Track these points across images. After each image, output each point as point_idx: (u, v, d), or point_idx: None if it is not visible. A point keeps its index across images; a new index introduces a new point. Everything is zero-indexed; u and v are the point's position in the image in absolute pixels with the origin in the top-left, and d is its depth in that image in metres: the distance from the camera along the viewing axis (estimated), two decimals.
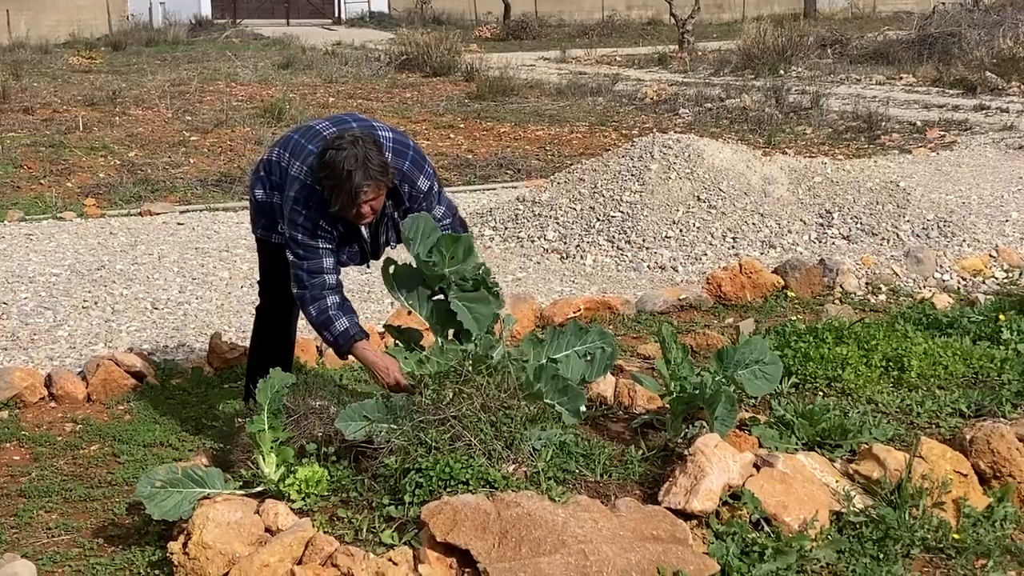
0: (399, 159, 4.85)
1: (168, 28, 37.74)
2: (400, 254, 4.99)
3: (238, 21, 44.21)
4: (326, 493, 4.24)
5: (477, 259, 4.70)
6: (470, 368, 4.47)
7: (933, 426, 4.90)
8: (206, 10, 46.23)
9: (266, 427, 4.33)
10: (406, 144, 4.96)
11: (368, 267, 5.42)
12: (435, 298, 4.73)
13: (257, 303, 5.61)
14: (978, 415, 4.98)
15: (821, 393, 5.19)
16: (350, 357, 4.98)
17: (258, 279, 5.55)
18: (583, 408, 4.57)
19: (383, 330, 6.65)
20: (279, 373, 4.49)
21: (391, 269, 4.72)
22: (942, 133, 15.44)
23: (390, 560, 3.75)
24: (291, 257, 4.88)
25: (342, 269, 5.03)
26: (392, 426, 4.31)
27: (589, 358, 4.68)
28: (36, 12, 40.29)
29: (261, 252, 5.39)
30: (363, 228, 4.97)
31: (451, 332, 4.74)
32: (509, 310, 6.55)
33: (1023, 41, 21.67)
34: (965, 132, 15.59)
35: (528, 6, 44.50)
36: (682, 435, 4.60)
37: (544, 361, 4.59)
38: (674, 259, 8.57)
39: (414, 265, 4.69)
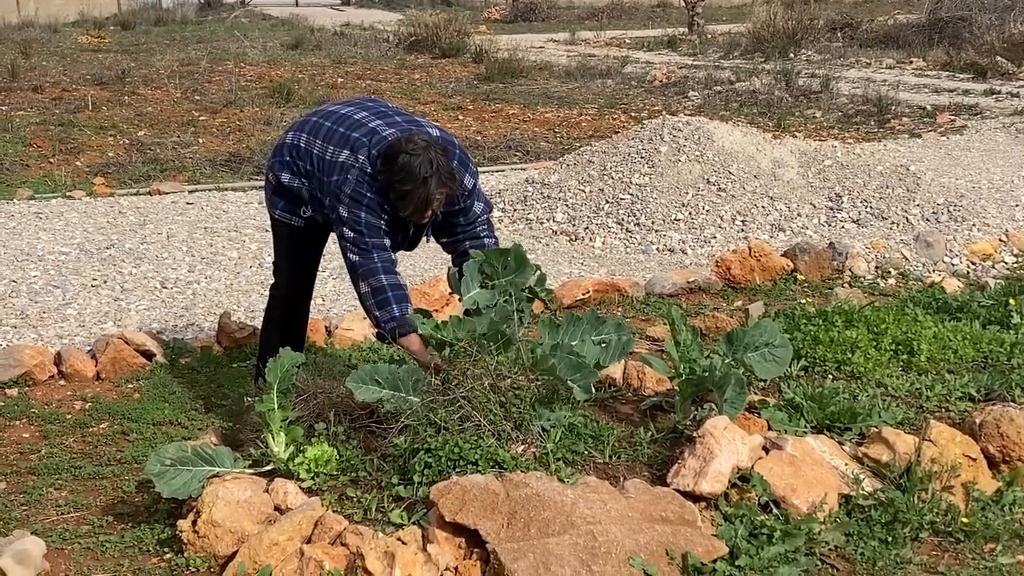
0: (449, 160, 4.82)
1: (177, 8, 37.71)
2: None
3: (247, 1, 44.16)
4: (335, 472, 4.25)
5: (530, 267, 4.78)
6: (483, 345, 4.46)
7: (943, 410, 4.89)
8: None
9: (276, 406, 4.34)
10: (453, 143, 4.90)
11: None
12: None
13: (270, 283, 5.57)
14: (987, 399, 4.97)
15: (830, 376, 5.18)
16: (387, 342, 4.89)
17: (272, 260, 5.51)
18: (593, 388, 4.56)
19: None
20: (289, 353, 4.49)
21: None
22: (952, 117, 15.39)
23: (399, 539, 3.75)
24: (352, 234, 4.73)
25: None
26: (400, 395, 4.30)
27: (604, 344, 4.67)
28: None
29: (277, 234, 5.33)
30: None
31: None
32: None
33: None
34: (975, 117, 15.54)
35: None
36: (691, 417, 4.59)
37: (560, 342, 4.59)
38: (683, 242, 8.56)
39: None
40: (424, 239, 5.11)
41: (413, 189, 4.55)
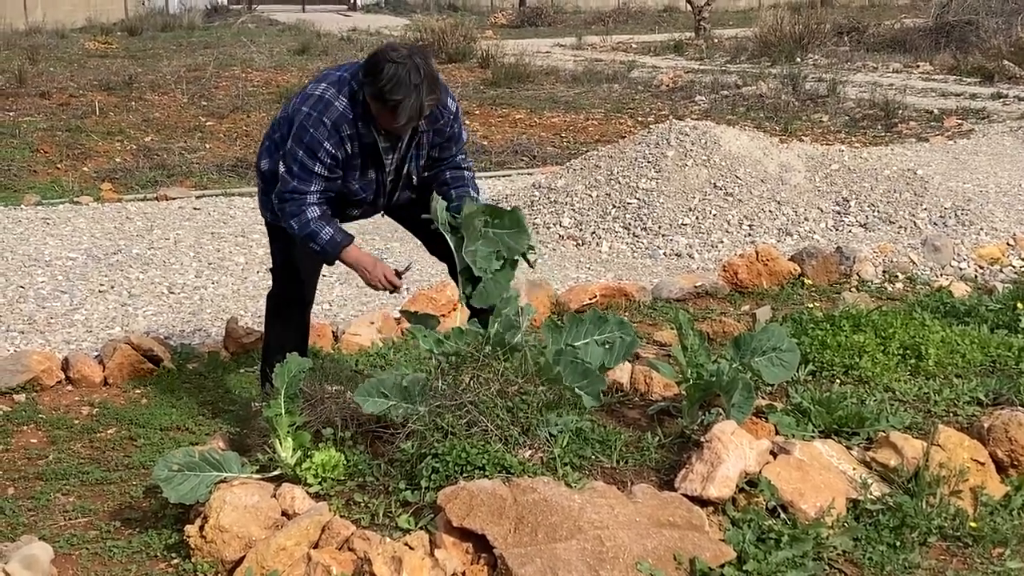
0: None
1: (184, 14, 37.79)
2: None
3: (253, 7, 44.21)
4: (343, 477, 4.25)
5: (527, 235, 4.75)
6: (488, 351, 4.47)
7: (950, 414, 4.88)
8: None
9: (283, 411, 4.34)
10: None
11: (383, 214, 5.25)
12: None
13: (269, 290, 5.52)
14: (995, 403, 4.96)
15: (838, 381, 5.17)
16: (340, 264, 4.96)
17: (270, 267, 5.50)
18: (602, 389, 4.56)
19: (399, 315, 6.66)
20: (296, 358, 4.49)
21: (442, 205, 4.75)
22: (959, 121, 15.39)
23: (406, 544, 3.75)
24: (282, 168, 4.74)
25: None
26: (408, 405, 4.30)
27: (608, 346, 4.66)
28: None
29: (271, 238, 5.32)
30: (387, 158, 4.85)
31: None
32: (526, 297, 6.56)
33: None
34: (983, 120, 15.54)
35: None
36: (698, 422, 4.59)
37: (563, 346, 4.58)
38: (690, 246, 8.56)
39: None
40: (413, 178, 5.00)
41: (404, 99, 4.47)
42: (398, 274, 4.89)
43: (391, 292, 4.93)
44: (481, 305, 4.72)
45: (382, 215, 5.28)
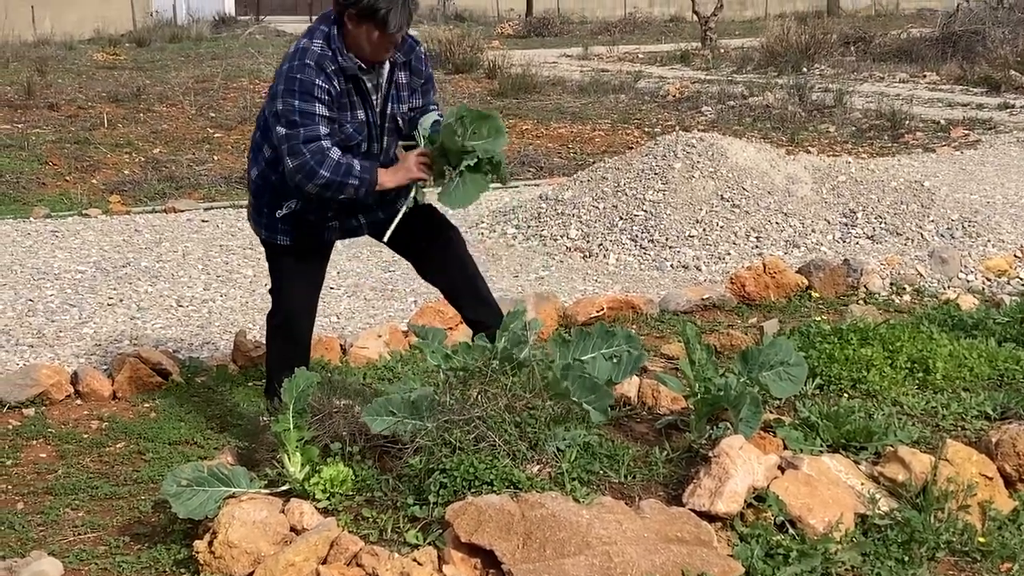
0: None
1: (192, 25, 37.88)
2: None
3: (261, 18, 44.31)
4: (351, 493, 4.25)
5: (504, 140, 4.83)
6: (496, 367, 4.48)
7: (958, 428, 4.88)
8: (229, 7, 46.31)
9: (291, 426, 4.34)
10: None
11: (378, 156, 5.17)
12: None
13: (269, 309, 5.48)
14: (1003, 417, 4.96)
15: (846, 395, 5.17)
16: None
17: (268, 287, 5.47)
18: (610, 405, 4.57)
19: (407, 328, 6.67)
20: (304, 372, 4.50)
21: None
22: (966, 132, 15.38)
23: (415, 560, 3.76)
24: (284, 130, 4.74)
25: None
26: (416, 422, 4.31)
27: (616, 360, 4.67)
28: (60, 8, 40.44)
29: (269, 257, 5.31)
30: (372, 97, 4.92)
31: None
32: (533, 310, 6.58)
33: None
34: (989, 131, 15.54)
35: (550, 3, 44.51)
36: (706, 436, 4.59)
37: (571, 361, 4.59)
38: (697, 258, 8.57)
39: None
40: (400, 122, 5.04)
41: (392, 8, 4.62)
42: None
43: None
44: (449, 206, 4.84)
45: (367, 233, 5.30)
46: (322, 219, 5.05)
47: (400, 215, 4.97)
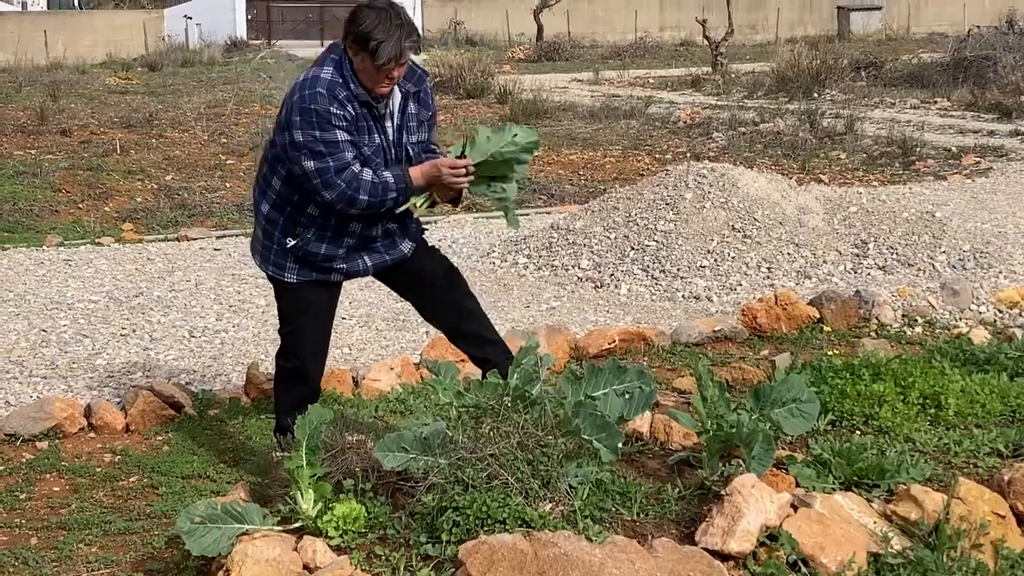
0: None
1: (203, 49, 38.08)
2: None
3: (273, 42, 44.52)
4: (363, 530, 4.25)
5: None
6: (508, 404, 4.49)
7: (970, 466, 4.87)
8: (241, 31, 46.62)
9: (304, 463, 4.35)
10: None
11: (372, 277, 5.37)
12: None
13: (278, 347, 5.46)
14: (1016, 455, 4.95)
15: (858, 431, 5.16)
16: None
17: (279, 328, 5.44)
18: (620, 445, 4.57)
19: (419, 360, 6.68)
20: (317, 409, 4.51)
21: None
22: (978, 159, 15.38)
23: None
24: (312, 163, 4.76)
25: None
26: (429, 459, 4.32)
27: (628, 396, 4.68)
28: (73, 32, 40.73)
29: (277, 295, 5.31)
30: (386, 122, 4.96)
31: None
32: (545, 344, 6.59)
33: None
34: (1001, 158, 15.54)
35: (561, 27, 44.68)
36: (719, 473, 4.58)
37: (582, 398, 4.60)
38: (709, 289, 8.58)
39: None
40: (410, 151, 5.06)
41: (386, 40, 4.66)
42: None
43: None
44: (515, 227, 5.23)
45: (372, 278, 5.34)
46: (329, 258, 5.06)
47: (417, 210, 5.00)
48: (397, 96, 4.96)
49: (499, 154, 4.94)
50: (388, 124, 4.97)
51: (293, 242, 5.03)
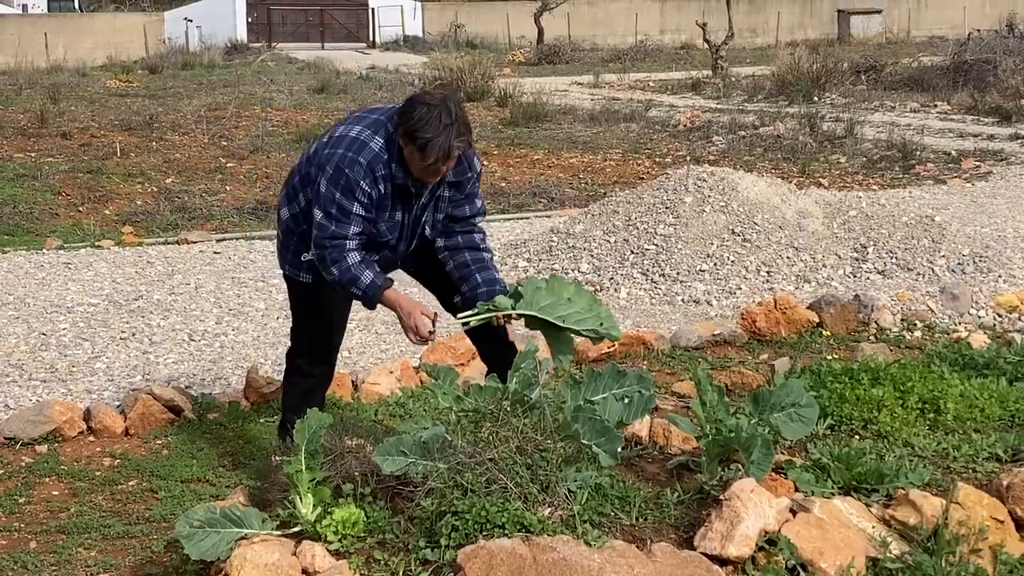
0: None
1: (204, 52, 38.11)
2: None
3: (273, 45, 44.55)
4: (362, 534, 4.25)
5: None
6: (507, 408, 4.49)
7: (969, 470, 4.88)
8: (241, 34, 46.66)
9: (303, 468, 4.36)
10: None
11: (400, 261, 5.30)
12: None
13: (289, 346, 5.49)
14: (1015, 459, 4.95)
15: (857, 436, 5.17)
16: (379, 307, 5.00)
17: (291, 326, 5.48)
18: (619, 449, 4.57)
19: (418, 364, 6.68)
20: (316, 413, 4.51)
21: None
22: (977, 163, 15.38)
23: None
24: (319, 214, 4.80)
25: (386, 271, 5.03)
26: (427, 462, 4.32)
27: (627, 401, 4.68)
28: (74, 35, 40.74)
29: (289, 293, 5.34)
30: (414, 200, 4.94)
31: None
32: (544, 349, 6.58)
33: None
34: (1001, 162, 15.54)
35: (561, 30, 44.71)
36: (718, 478, 4.59)
37: (581, 402, 4.60)
38: (708, 293, 8.58)
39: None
40: (427, 229, 5.07)
41: (434, 136, 4.61)
42: (432, 322, 4.92)
43: (419, 344, 4.98)
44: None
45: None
46: None
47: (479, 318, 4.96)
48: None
49: (559, 317, 4.89)
50: (416, 203, 4.96)
51: (308, 257, 5.06)
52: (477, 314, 4.85)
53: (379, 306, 4.96)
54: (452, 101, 4.70)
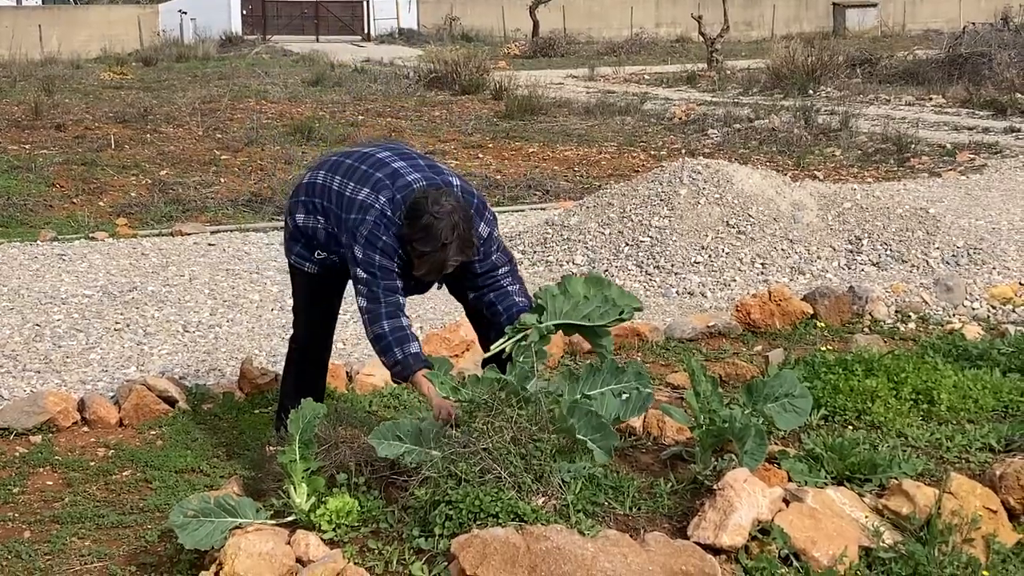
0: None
1: (199, 44, 38.07)
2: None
3: (268, 37, 44.49)
4: (356, 524, 4.26)
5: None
6: (502, 399, 4.49)
7: (962, 461, 4.89)
8: (236, 26, 46.55)
9: (297, 457, 4.36)
10: (472, 194, 4.88)
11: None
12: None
13: (291, 332, 5.56)
14: (1008, 450, 4.96)
15: (851, 426, 5.18)
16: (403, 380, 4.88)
17: (291, 307, 5.55)
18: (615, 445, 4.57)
19: None
20: (310, 403, 4.52)
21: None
22: (972, 156, 15.39)
23: None
24: (364, 275, 4.73)
25: None
26: (422, 451, 4.33)
27: (624, 397, 4.67)
28: (68, 27, 40.69)
29: (293, 280, 5.36)
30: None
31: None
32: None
33: None
34: (995, 155, 15.54)
35: (557, 23, 44.69)
36: (711, 468, 4.60)
37: (579, 397, 4.60)
38: (703, 285, 8.58)
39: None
40: (436, 286, 5.10)
41: (431, 252, 4.58)
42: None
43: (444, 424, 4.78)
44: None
45: None
46: None
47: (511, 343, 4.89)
48: None
49: (584, 317, 4.82)
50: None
51: (320, 257, 5.08)
52: (508, 339, 4.78)
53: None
54: (459, 215, 4.57)
